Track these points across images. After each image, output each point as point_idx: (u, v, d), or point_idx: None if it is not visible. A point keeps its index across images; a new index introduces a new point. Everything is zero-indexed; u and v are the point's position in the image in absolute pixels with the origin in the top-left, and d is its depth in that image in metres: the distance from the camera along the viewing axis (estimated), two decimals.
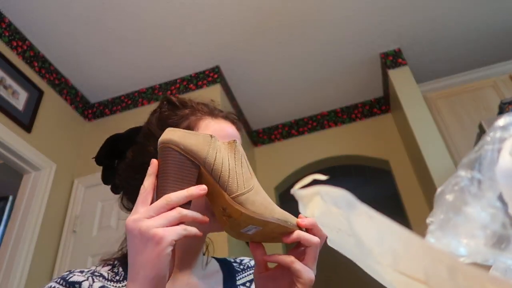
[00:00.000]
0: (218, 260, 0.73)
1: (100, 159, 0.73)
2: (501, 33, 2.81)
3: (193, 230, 0.45)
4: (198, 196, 0.47)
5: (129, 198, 0.70)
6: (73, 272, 0.58)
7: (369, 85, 3.12)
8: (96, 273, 0.59)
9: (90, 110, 2.92)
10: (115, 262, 0.64)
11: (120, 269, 0.62)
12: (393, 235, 0.24)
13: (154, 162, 0.50)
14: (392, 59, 2.81)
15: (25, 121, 2.26)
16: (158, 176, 0.49)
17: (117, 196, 0.72)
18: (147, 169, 0.64)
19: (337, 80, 3.03)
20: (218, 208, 0.50)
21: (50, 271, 2.21)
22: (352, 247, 0.29)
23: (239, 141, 0.64)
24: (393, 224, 0.25)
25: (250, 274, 0.72)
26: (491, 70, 2.85)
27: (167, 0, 2.30)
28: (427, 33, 2.75)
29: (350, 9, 2.49)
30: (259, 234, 0.51)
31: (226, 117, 0.68)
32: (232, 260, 0.75)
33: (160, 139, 0.51)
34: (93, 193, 2.45)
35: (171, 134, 0.50)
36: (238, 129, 0.69)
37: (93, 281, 0.57)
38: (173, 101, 0.69)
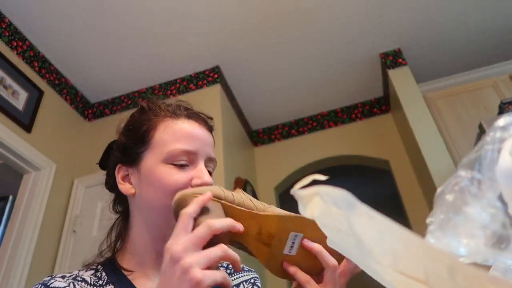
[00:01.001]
0: None
1: (100, 164, 0.74)
2: (501, 33, 2.81)
3: (229, 281, 0.43)
4: (238, 230, 0.47)
5: (115, 200, 0.72)
6: (55, 277, 0.57)
7: (369, 85, 3.12)
8: (78, 278, 0.59)
9: (90, 110, 2.92)
10: (98, 267, 0.63)
11: (103, 274, 0.61)
12: (393, 235, 0.24)
13: (208, 194, 0.49)
14: (392, 59, 2.81)
15: (25, 121, 2.26)
16: None
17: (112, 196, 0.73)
18: (113, 175, 0.67)
19: (337, 80, 3.02)
20: (253, 240, 0.49)
21: (50, 271, 2.21)
22: (352, 247, 0.29)
23: (201, 142, 0.64)
24: (393, 224, 0.25)
25: (243, 275, 0.72)
26: (491, 70, 2.85)
27: (167, 0, 2.30)
28: (427, 33, 2.75)
29: (350, 9, 2.49)
30: (302, 254, 0.49)
31: (189, 116, 0.66)
32: (219, 265, 0.75)
33: (174, 199, 0.51)
34: (93, 193, 2.45)
35: (182, 192, 0.51)
36: (206, 128, 0.67)
37: (75, 287, 0.56)
38: (142, 105, 0.70)
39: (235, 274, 0.72)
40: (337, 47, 2.75)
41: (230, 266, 0.74)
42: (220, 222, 0.44)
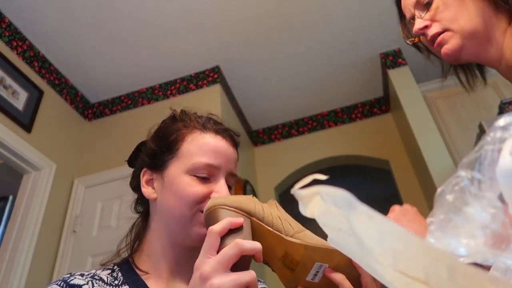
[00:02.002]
0: None
1: (129, 162, 0.76)
2: None
3: None
4: (260, 259, 0.48)
5: (138, 200, 0.74)
6: (74, 275, 0.59)
7: (369, 85, 3.12)
8: (96, 277, 0.60)
9: (90, 110, 2.92)
10: (115, 267, 0.65)
11: (119, 274, 0.62)
12: (393, 235, 0.24)
13: (239, 220, 0.50)
14: (392, 59, 2.81)
15: (25, 121, 2.26)
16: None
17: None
18: (138, 177, 0.69)
19: (337, 80, 3.02)
20: (278, 261, 0.49)
21: (50, 271, 2.21)
22: (352, 247, 0.29)
23: (226, 158, 0.66)
24: (393, 224, 0.25)
25: None
26: (491, 70, 2.85)
27: (167, 1, 2.30)
28: None
29: (350, 9, 2.49)
30: (324, 281, 0.49)
31: (217, 132, 0.68)
32: None
33: (206, 206, 0.52)
34: (93, 193, 2.46)
35: (215, 199, 0.51)
36: (232, 144, 0.69)
37: (93, 285, 0.58)
38: (174, 113, 0.73)
39: None
40: (337, 47, 2.75)
41: None
42: (249, 245, 0.45)
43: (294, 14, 2.48)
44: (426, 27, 0.74)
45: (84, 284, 0.57)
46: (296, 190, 0.36)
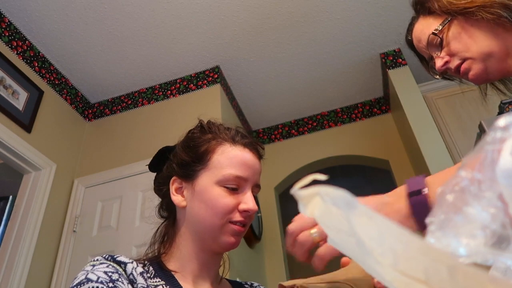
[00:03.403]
0: (229, 281, 0.78)
1: (151, 166, 0.78)
2: None
3: None
4: None
5: (162, 206, 0.77)
6: (118, 255, 0.62)
7: (369, 85, 3.12)
8: (136, 261, 0.63)
9: (90, 110, 2.92)
10: (146, 262, 0.67)
11: (151, 268, 0.65)
12: (393, 236, 0.24)
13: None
14: (392, 59, 2.81)
15: (25, 121, 2.26)
16: None
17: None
18: (166, 184, 0.73)
19: (337, 80, 3.03)
20: None
21: (50, 271, 2.21)
22: (352, 247, 0.29)
23: (253, 170, 0.69)
24: (393, 224, 0.25)
25: None
26: None
27: (167, 0, 2.30)
28: None
29: (350, 9, 2.49)
30: None
31: (245, 145, 0.72)
32: (244, 283, 0.80)
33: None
34: (93, 193, 2.46)
35: (293, 281, 0.51)
36: (258, 157, 0.73)
37: (137, 265, 0.61)
38: (202, 124, 0.75)
39: None
40: (337, 47, 2.75)
41: (254, 285, 0.80)
42: None
43: (294, 14, 2.48)
44: (447, 62, 0.79)
45: (129, 263, 0.60)
46: (296, 190, 0.36)
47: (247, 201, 0.67)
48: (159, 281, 0.62)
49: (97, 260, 0.59)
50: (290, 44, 2.68)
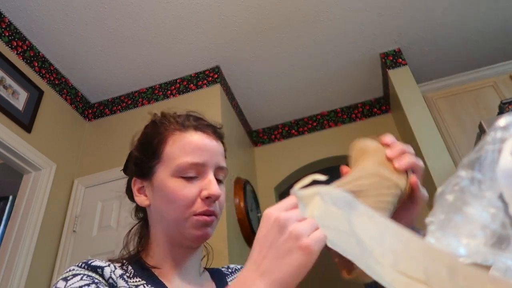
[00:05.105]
0: (208, 270, 0.75)
1: (124, 170, 0.77)
2: (501, 33, 2.81)
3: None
4: None
5: (137, 208, 0.74)
6: (93, 259, 0.60)
7: (369, 85, 3.12)
8: (114, 263, 0.62)
9: (90, 110, 2.92)
10: (124, 261, 0.65)
11: (130, 267, 0.63)
12: (393, 236, 0.24)
13: None
14: (392, 59, 2.81)
15: (25, 121, 2.26)
16: None
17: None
18: (130, 186, 0.70)
19: (337, 80, 3.02)
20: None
21: (50, 271, 2.21)
22: (352, 247, 0.29)
23: (210, 153, 0.65)
24: (393, 224, 0.25)
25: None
26: (491, 70, 2.85)
27: (167, 0, 2.30)
28: (427, 33, 2.75)
29: (350, 9, 2.49)
30: None
31: (196, 128, 0.67)
32: (222, 268, 0.77)
33: None
34: (93, 193, 2.45)
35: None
36: (214, 137, 0.68)
37: (115, 268, 0.59)
38: (154, 118, 0.73)
39: (233, 274, 0.75)
40: (337, 47, 2.75)
41: (231, 266, 0.77)
42: None
43: (294, 14, 2.48)
44: None
45: (106, 266, 0.58)
46: (296, 191, 0.36)
47: (208, 187, 0.62)
48: (139, 281, 0.60)
49: (70, 271, 0.56)
50: (290, 44, 2.68)
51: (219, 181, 0.66)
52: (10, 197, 3.09)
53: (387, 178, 0.44)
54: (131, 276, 0.61)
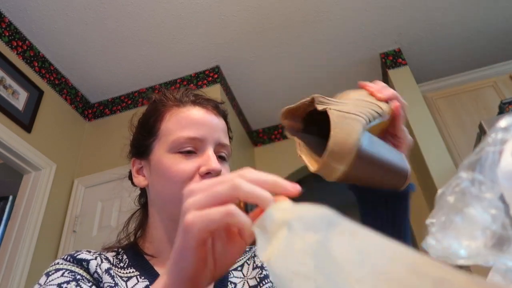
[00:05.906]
0: None
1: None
2: (501, 33, 2.81)
3: (243, 218, 0.30)
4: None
5: (140, 194, 0.72)
6: (81, 251, 0.58)
7: None
8: (102, 255, 0.60)
9: (90, 110, 2.92)
10: (119, 250, 0.63)
11: (125, 257, 0.61)
12: (378, 252, 0.22)
13: None
14: (392, 59, 2.81)
15: (25, 121, 2.26)
16: None
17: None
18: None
19: (337, 80, 3.02)
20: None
21: None
22: None
23: (209, 127, 0.61)
24: (378, 238, 0.23)
25: (244, 256, 0.69)
26: (491, 70, 2.85)
27: (167, 0, 2.30)
28: (427, 33, 2.75)
29: (350, 9, 2.49)
30: None
31: (194, 103, 0.65)
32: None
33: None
34: (93, 193, 2.45)
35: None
36: (215, 113, 0.65)
37: (101, 261, 0.57)
38: (151, 96, 0.69)
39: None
40: (337, 47, 2.75)
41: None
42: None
43: (294, 14, 2.48)
44: None
45: (92, 259, 0.55)
46: (258, 224, 0.29)
47: (207, 162, 0.58)
48: (133, 272, 0.58)
49: (54, 265, 0.54)
50: (290, 44, 2.68)
51: (222, 159, 0.63)
52: (10, 197, 3.09)
53: (370, 101, 0.47)
54: (124, 266, 0.59)
